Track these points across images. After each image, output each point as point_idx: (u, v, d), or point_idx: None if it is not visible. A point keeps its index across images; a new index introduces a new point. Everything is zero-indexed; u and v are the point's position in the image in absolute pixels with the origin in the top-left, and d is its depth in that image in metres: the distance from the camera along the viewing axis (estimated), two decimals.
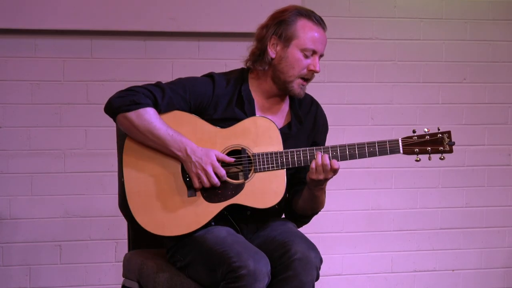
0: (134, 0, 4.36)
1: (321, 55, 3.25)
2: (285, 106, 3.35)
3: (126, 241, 3.57)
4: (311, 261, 3.05)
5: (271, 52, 3.24)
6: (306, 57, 3.22)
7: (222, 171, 3.16)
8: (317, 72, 3.24)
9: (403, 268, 4.85)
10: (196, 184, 3.16)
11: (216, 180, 3.15)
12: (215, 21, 4.40)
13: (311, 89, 4.65)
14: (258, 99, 3.29)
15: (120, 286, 3.51)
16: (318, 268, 3.09)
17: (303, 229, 3.34)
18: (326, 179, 3.15)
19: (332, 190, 4.67)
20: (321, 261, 3.10)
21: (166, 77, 3.44)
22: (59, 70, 4.38)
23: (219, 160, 3.17)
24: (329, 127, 3.45)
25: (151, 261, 3.34)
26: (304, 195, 3.26)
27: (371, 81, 4.71)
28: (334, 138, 4.59)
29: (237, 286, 2.99)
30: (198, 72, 3.41)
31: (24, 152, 4.37)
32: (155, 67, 4.45)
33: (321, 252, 3.10)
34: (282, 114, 3.33)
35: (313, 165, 3.14)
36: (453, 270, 4.91)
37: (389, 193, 4.80)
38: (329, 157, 3.15)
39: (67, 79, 4.39)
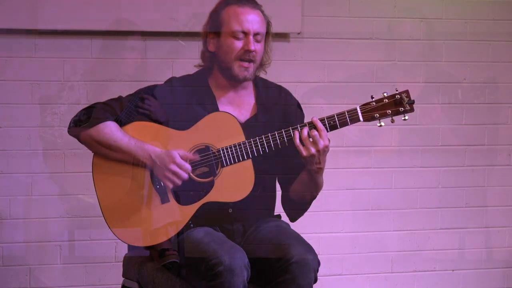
0: (134, 0, 4.35)
1: (256, 34, 3.23)
2: (250, 99, 3.36)
3: None
4: (309, 264, 3.05)
5: (210, 48, 3.29)
6: (238, 39, 3.23)
7: (187, 166, 3.17)
8: (251, 50, 3.22)
9: (403, 268, 4.84)
10: (169, 185, 3.18)
11: (184, 175, 3.16)
12: None
13: (312, 89, 4.67)
14: (220, 95, 3.32)
15: (120, 286, 3.51)
16: (316, 271, 3.08)
17: (302, 229, 3.33)
18: (318, 152, 3.11)
19: (332, 190, 4.68)
20: (318, 263, 3.10)
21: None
22: (59, 70, 4.37)
23: (185, 159, 3.18)
24: None
25: (151, 261, 3.34)
26: (303, 179, 3.25)
27: (371, 81, 4.70)
28: (335, 139, 4.60)
29: (216, 284, 2.99)
30: None
31: (24, 152, 4.37)
32: (155, 67, 4.44)
33: (321, 253, 3.09)
34: (248, 107, 3.34)
35: (297, 142, 3.12)
36: (453, 270, 4.91)
37: (389, 193, 4.79)
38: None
39: (67, 79, 4.39)
